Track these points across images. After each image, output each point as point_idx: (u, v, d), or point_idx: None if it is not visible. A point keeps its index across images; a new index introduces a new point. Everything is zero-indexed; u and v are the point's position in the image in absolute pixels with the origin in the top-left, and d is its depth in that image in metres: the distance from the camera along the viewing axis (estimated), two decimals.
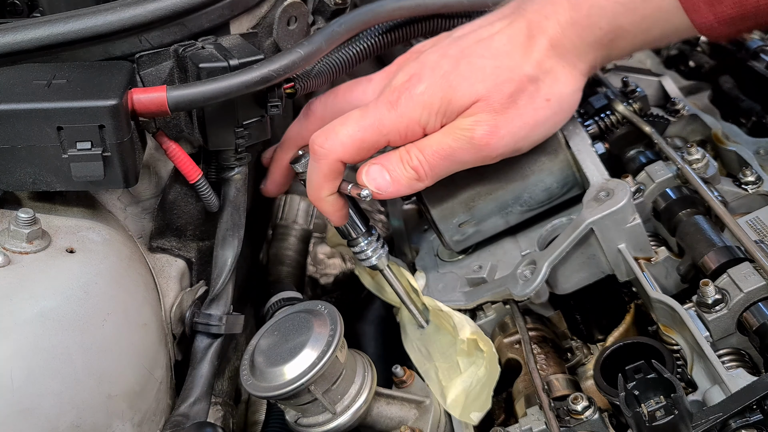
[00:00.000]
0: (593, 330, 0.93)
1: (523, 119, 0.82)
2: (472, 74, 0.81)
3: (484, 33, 0.84)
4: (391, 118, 0.82)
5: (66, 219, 0.77)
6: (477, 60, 0.82)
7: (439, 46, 0.86)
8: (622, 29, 0.80)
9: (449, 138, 0.81)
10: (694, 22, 0.77)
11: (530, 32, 0.82)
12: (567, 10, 0.81)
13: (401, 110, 0.81)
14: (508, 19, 0.85)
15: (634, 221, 0.85)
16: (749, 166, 0.95)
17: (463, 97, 0.80)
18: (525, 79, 0.81)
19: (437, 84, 0.81)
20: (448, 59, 0.83)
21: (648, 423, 0.67)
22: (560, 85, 0.83)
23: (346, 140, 0.82)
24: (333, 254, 1.27)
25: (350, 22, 0.92)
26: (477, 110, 0.80)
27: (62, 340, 0.66)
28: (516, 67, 0.81)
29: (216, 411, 0.91)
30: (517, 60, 0.81)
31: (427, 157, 0.82)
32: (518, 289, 0.86)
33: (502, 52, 0.82)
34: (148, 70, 0.81)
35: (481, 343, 0.85)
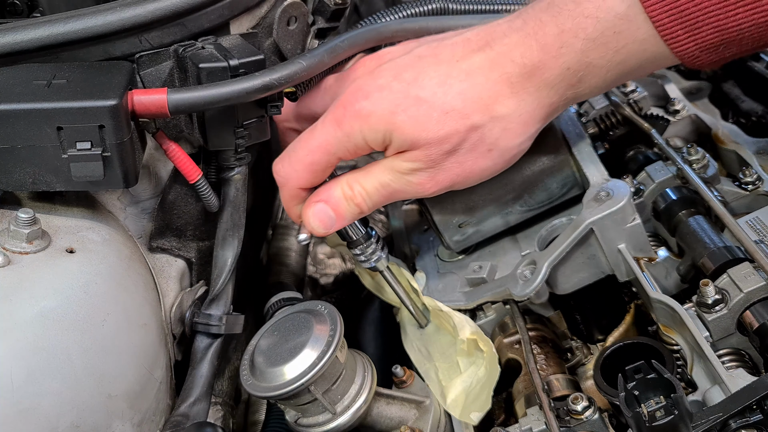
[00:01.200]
0: (593, 330, 0.93)
1: (461, 167, 0.80)
2: (417, 119, 0.78)
3: (445, 56, 0.80)
4: (337, 137, 0.81)
5: (66, 219, 0.77)
6: (426, 96, 0.78)
7: (396, 62, 0.83)
8: (592, 65, 0.75)
9: (388, 177, 0.82)
10: (674, 51, 0.73)
11: (491, 69, 0.78)
12: (535, 53, 0.76)
13: (346, 130, 0.80)
14: (472, 47, 0.80)
15: (634, 221, 0.85)
16: (749, 166, 0.95)
17: (405, 141, 0.78)
18: (470, 129, 0.78)
19: (382, 112, 0.79)
20: (400, 82, 0.79)
21: (648, 423, 0.67)
22: (508, 136, 0.79)
23: (298, 167, 0.83)
24: (333, 254, 1.27)
25: (354, 39, 0.92)
26: (416, 157, 0.79)
27: (62, 340, 0.66)
28: (464, 115, 0.78)
29: (216, 411, 0.91)
30: (468, 105, 0.78)
31: (369, 193, 0.83)
32: (518, 289, 0.86)
33: (455, 89, 0.78)
34: (148, 71, 0.81)
35: (481, 343, 0.85)
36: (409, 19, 0.98)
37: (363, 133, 0.79)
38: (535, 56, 0.76)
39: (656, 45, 0.73)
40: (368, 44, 0.95)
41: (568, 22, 0.74)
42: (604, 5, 0.72)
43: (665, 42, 0.72)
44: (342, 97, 0.82)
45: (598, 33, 0.73)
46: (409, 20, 0.97)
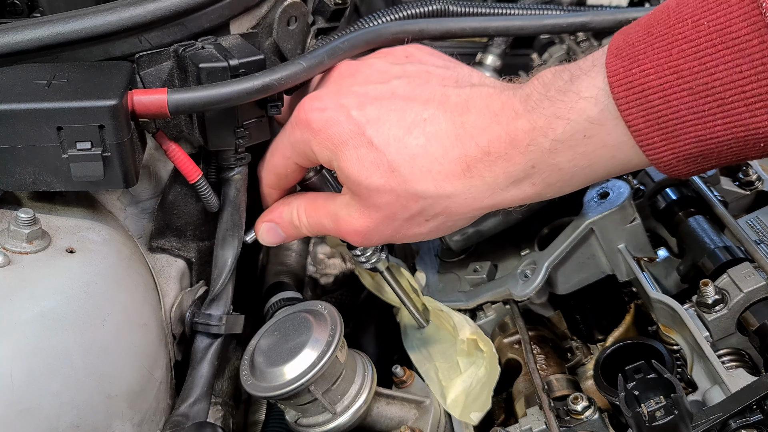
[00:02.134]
0: (593, 330, 0.93)
1: (398, 230, 0.79)
2: (363, 163, 0.75)
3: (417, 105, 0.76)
4: (290, 143, 0.81)
5: (66, 219, 0.77)
6: (379, 145, 0.75)
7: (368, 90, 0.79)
8: (557, 168, 0.71)
9: (326, 221, 0.82)
10: (650, 158, 0.67)
11: (453, 147, 0.74)
12: (503, 143, 0.72)
13: (297, 137, 0.79)
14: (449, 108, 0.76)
15: (634, 221, 0.85)
16: (749, 166, 0.95)
17: (346, 178, 0.77)
18: (411, 197, 0.75)
19: (331, 136, 0.76)
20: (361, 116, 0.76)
21: (648, 423, 0.67)
22: (452, 213, 0.76)
23: (267, 168, 0.86)
24: (333, 254, 1.27)
25: (354, 40, 0.92)
26: (353, 206, 0.78)
27: (62, 340, 0.66)
28: (414, 179, 0.74)
29: (216, 411, 0.90)
30: (420, 171, 0.74)
31: (310, 227, 0.85)
32: (518, 289, 0.86)
33: (410, 150, 0.74)
34: (148, 71, 0.81)
35: (481, 343, 0.85)
36: (410, 20, 0.98)
37: (311, 146, 0.78)
38: (501, 147, 0.72)
39: (627, 151, 0.68)
40: (368, 45, 0.95)
41: (540, 120, 0.70)
42: (576, 107, 0.68)
43: (641, 148, 0.67)
44: (302, 102, 0.80)
45: (567, 135, 0.69)
46: (409, 22, 0.97)
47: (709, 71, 0.61)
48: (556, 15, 0.99)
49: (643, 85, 0.64)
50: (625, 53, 0.66)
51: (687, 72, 0.62)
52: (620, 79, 0.66)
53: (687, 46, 0.62)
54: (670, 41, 0.64)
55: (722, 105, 0.62)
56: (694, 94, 0.62)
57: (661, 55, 0.64)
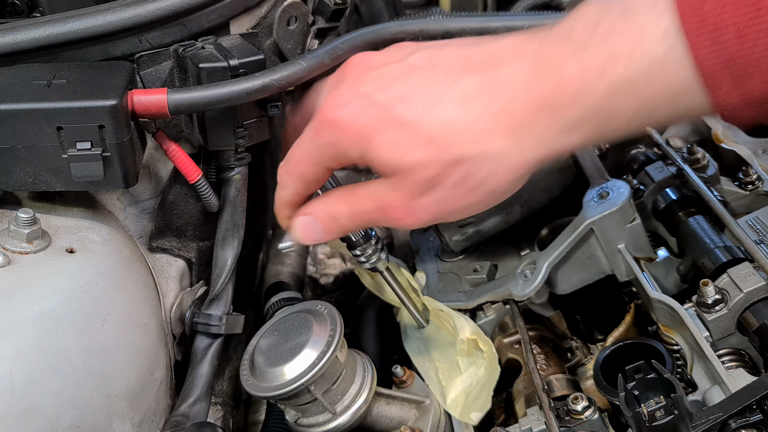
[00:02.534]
0: (593, 330, 0.93)
1: (444, 203, 0.71)
2: (397, 144, 0.69)
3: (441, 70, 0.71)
4: (317, 148, 0.75)
5: (66, 219, 0.77)
6: (410, 120, 0.69)
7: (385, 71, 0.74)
8: (614, 114, 0.65)
9: (370, 205, 0.75)
10: (715, 101, 0.61)
11: (491, 101, 0.68)
12: (547, 89, 0.65)
13: (323, 140, 0.73)
14: (475, 67, 0.70)
15: (634, 221, 0.85)
16: (749, 166, 0.95)
17: (382, 165, 0.71)
18: (454, 163, 0.68)
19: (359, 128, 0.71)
20: (386, 98, 0.71)
21: (648, 423, 0.67)
22: (498, 176, 0.69)
23: (293, 176, 0.79)
24: (333, 254, 1.27)
25: (354, 40, 0.92)
26: (393, 186, 0.71)
27: (62, 340, 0.66)
28: (449, 146, 0.68)
29: (216, 411, 0.91)
30: (456, 136, 0.68)
31: (351, 218, 0.77)
32: (518, 289, 0.86)
33: (444, 115, 0.68)
34: (148, 70, 0.81)
35: (481, 343, 0.85)
36: (410, 20, 0.98)
37: (340, 146, 0.72)
38: (546, 95, 0.65)
39: (691, 95, 0.62)
40: (369, 46, 0.95)
41: (592, 62, 0.63)
42: (638, 47, 0.62)
43: (708, 89, 0.61)
44: (323, 104, 0.74)
45: (627, 77, 0.62)
46: (409, 22, 0.97)
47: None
48: (558, 15, 0.99)
49: (716, 20, 0.59)
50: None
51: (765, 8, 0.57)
52: (691, 13, 0.60)
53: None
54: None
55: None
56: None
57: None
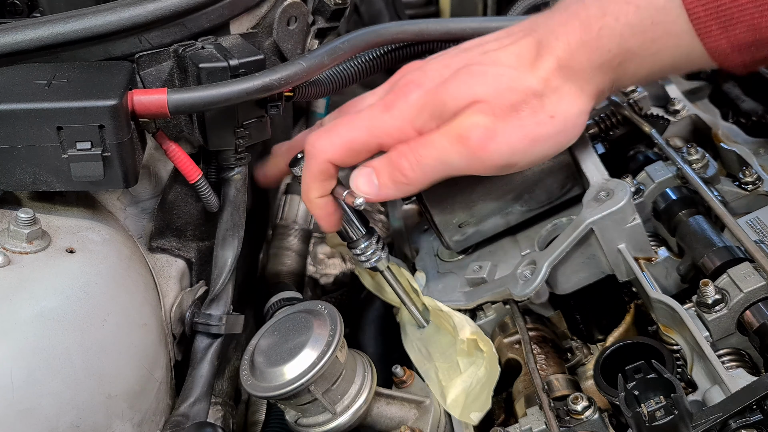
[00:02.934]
0: (593, 330, 0.93)
1: (524, 131, 0.78)
2: (472, 78, 0.79)
3: (491, 47, 0.83)
4: (383, 119, 0.81)
5: (66, 219, 0.77)
6: (479, 67, 0.80)
7: (443, 56, 0.85)
8: (631, 52, 0.77)
9: (444, 140, 0.79)
10: (706, 47, 0.73)
11: (539, 50, 0.79)
12: (577, 31, 0.77)
13: (394, 113, 0.80)
14: (517, 35, 0.82)
15: (634, 221, 0.85)
16: (749, 166, 0.95)
17: (460, 98, 0.78)
18: (529, 91, 0.78)
19: (435, 89, 0.80)
20: (449, 69, 0.82)
21: (648, 423, 0.67)
22: (566, 104, 0.79)
23: (337, 141, 0.81)
24: (333, 254, 1.27)
25: (354, 40, 0.92)
26: (475, 112, 0.78)
27: (62, 340, 0.66)
28: (521, 78, 0.79)
29: (216, 411, 0.91)
30: (523, 73, 0.79)
31: (419, 160, 0.80)
32: (518, 289, 0.86)
33: (507, 64, 0.80)
34: (148, 70, 0.81)
35: (481, 343, 0.85)
36: (410, 21, 0.98)
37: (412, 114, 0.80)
38: (578, 35, 0.77)
39: (690, 40, 0.73)
40: (368, 46, 0.95)
41: (611, 6, 0.75)
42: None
43: (699, 36, 0.72)
44: (394, 89, 0.83)
45: (637, 20, 0.74)
46: (409, 23, 0.97)
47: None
48: None
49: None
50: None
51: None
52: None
53: None
54: None
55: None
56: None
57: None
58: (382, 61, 0.99)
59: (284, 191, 1.23)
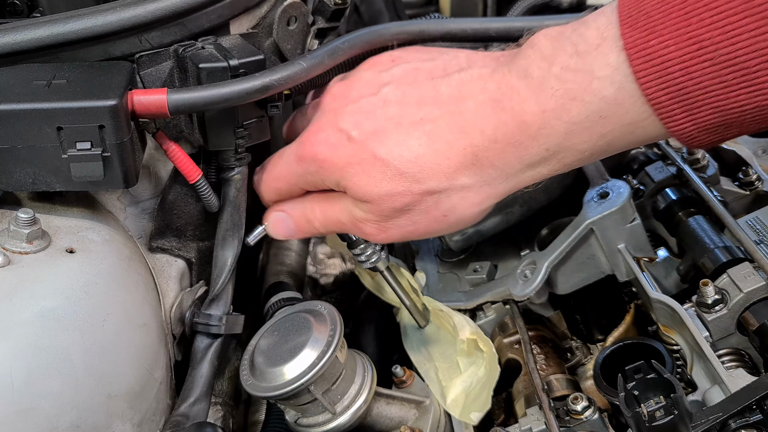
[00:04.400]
0: (593, 330, 0.93)
1: (414, 226, 0.79)
2: (371, 175, 0.76)
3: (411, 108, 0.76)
4: (297, 173, 0.83)
5: (66, 219, 0.77)
6: (383, 155, 0.75)
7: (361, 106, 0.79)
8: (574, 149, 0.70)
9: (344, 217, 0.82)
10: (671, 130, 0.66)
11: (457, 140, 0.73)
12: (511, 129, 0.70)
13: (304, 168, 0.82)
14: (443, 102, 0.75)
15: (634, 221, 0.85)
16: (749, 166, 0.95)
17: (356, 193, 0.78)
18: (425, 193, 0.75)
19: (337, 162, 0.78)
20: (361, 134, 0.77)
21: (648, 423, 0.67)
22: (465, 205, 0.76)
23: (267, 188, 0.88)
24: (333, 254, 1.27)
25: (354, 41, 0.92)
26: (368, 209, 0.79)
27: (62, 340, 0.66)
28: (419, 180, 0.75)
29: (216, 411, 0.91)
30: (425, 171, 0.74)
31: (324, 223, 0.85)
32: (518, 289, 0.86)
33: (414, 151, 0.74)
34: (148, 71, 0.81)
35: (481, 343, 0.85)
36: (410, 22, 0.98)
37: (319, 175, 0.81)
38: (510, 134, 0.71)
39: (647, 126, 0.67)
40: (368, 46, 0.95)
41: (550, 102, 0.68)
42: (590, 87, 0.66)
43: (662, 121, 0.65)
44: (305, 134, 0.82)
45: (582, 117, 0.67)
46: (409, 23, 0.97)
47: (731, 40, 0.59)
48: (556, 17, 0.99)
49: (663, 57, 0.62)
50: (641, 24, 0.63)
51: (708, 42, 0.60)
52: (638, 52, 0.63)
53: (707, 14, 0.60)
54: (688, 10, 0.61)
55: (746, 74, 0.60)
56: (716, 64, 0.60)
57: (679, 25, 0.61)
58: None
59: None
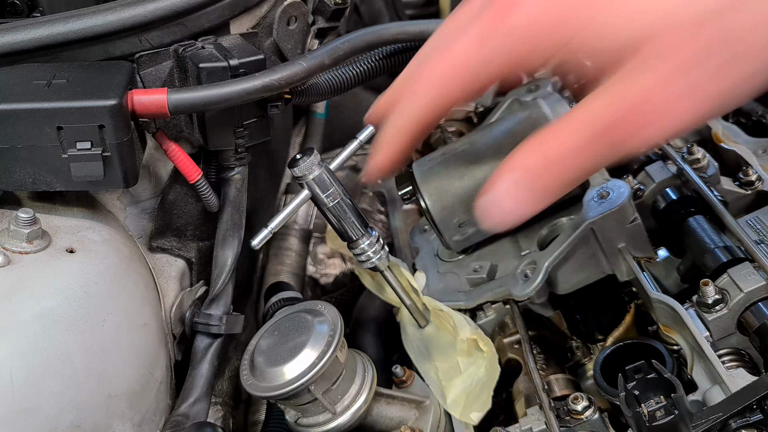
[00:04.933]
0: (593, 330, 0.93)
1: (713, 77, 0.51)
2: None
3: None
4: (494, 46, 0.57)
5: (66, 219, 0.77)
6: None
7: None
8: None
9: (605, 116, 0.53)
10: None
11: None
12: None
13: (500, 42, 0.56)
14: None
15: (634, 221, 0.85)
16: (749, 166, 0.95)
17: (614, 38, 0.51)
18: (712, 14, 0.49)
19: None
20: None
21: (648, 423, 0.67)
22: (750, 33, 0.50)
23: (450, 67, 0.60)
24: (333, 254, 1.27)
25: (354, 41, 0.92)
26: (639, 66, 0.51)
27: (62, 340, 0.66)
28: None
29: (216, 411, 0.91)
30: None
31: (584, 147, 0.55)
32: (518, 289, 0.86)
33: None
34: (148, 70, 0.81)
35: (481, 343, 0.85)
36: (410, 22, 0.98)
37: (531, 44, 0.54)
38: None
39: None
40: (369, 46, 0.95)
41: None
42: None
43: None
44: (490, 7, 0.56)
45: None
46: (410, 23, 0.98)
47: None
48: None
49: None
50: None
51: None
52: None
53: None
54: None
55: None
56: None
57: None
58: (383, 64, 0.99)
59: (284, 191, 1.23)
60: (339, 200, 0.84)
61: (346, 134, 0.89)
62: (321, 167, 0.82)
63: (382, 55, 0.98)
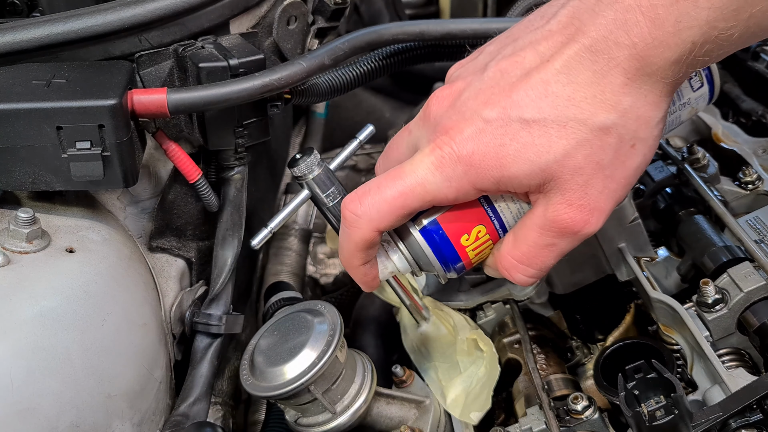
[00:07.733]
0: (593, 330, 0.93)
1: (614, 180, 0.64)
2: (534, 144, 0.63)
3: (530, 60, 0.65)
4: (436, 183, 0.66)
5: (66, 219, 0.77)
6: (532, 116, 0.63)
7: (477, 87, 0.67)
8: (719, 38, 0.59)
9: (545, 240, 0.67)
10: None
11: (595, 62, 0.62)
12: (645, 28, 0.59)
13: (448, 174, 0.66)
14: (561, 37, 0.63)
15: (634, 221, 0.85)
16: (749, 166, 0.95)
17: (528, 176, 0.64)
18: (601, 132, 0.62)
19: (487, 150, 0.64)
20: (495, 110, 0.64)
21: (648, 423, 0.67)
22: (645, 123, 0.63)
23: (384, 207, 0.68)
24: (333, 254, 1.27)
25: (354, 40, 0.92)
26: (553, 197, 0.65)
27: (62, 340, 0.66)
28: (586, 120, 0.62)
29: (216, 411, 0.91)
30: (586, 109, 0.62)
31: (538, 264, 0.69)
32: (518, 289, 0.86)
33: (563, 99, 0.62)
34: (148, 70, 0.81)
35: (481, 343, 0.85)
36: (410, 22, 0.98)
37: (468, 179, 0.65)
38: (645, 33, 0.60)
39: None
40: (369, 47, 0.95)
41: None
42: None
43: None
44: (432, 139, 0.67)
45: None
46: (409, 23, 0.97)
47: None
48: None
49: None
50: None
51: None
52: None
53: None
54: None
55: None
56: None
57: None
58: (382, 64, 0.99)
59: (284, 191, 1.23)
60: (339, 200, 0.84)
61: (346, 134, 0.89)
62: (321, 167, 0.82)
63: (383, 55, 0.98)
